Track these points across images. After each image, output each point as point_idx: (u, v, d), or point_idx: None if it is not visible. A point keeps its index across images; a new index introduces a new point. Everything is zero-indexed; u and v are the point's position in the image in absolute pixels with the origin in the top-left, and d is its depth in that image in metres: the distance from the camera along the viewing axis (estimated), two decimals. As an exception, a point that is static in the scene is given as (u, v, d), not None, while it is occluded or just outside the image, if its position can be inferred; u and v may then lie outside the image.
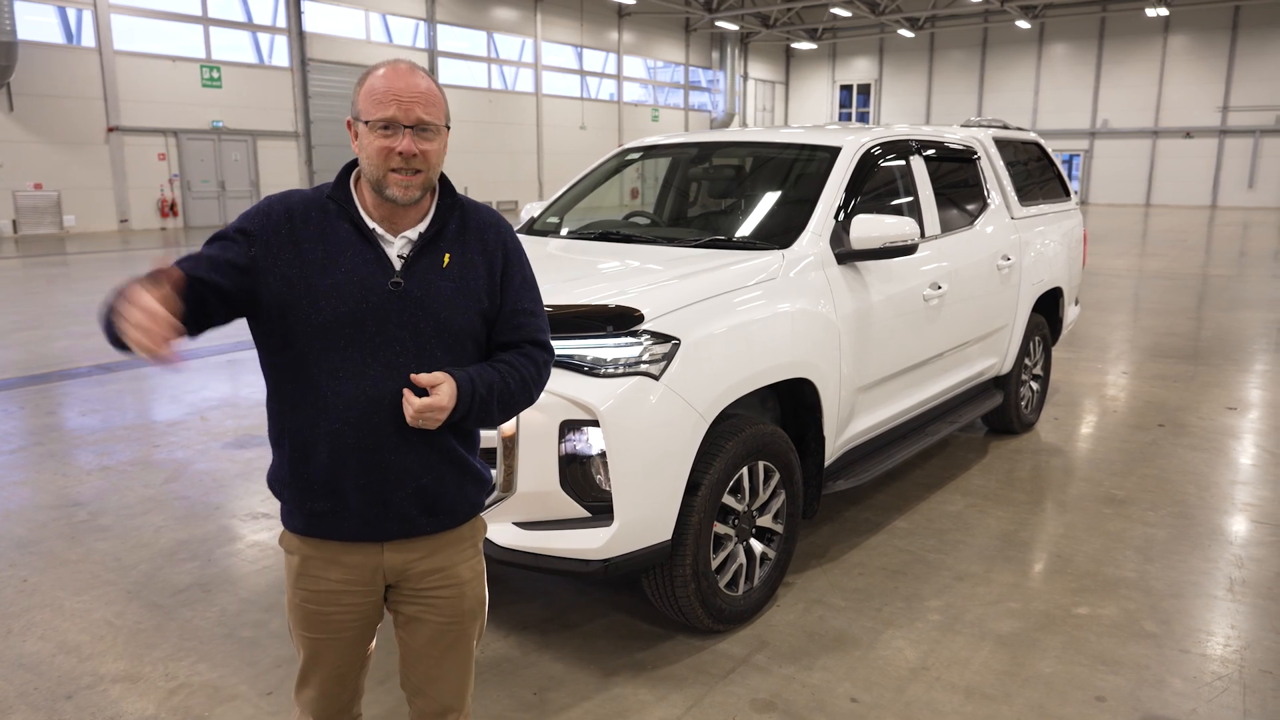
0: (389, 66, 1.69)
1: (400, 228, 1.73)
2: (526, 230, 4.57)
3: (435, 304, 1.72)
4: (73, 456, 5.15)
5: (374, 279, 1.69)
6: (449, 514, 1.82)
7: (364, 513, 1.74)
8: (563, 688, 2.86)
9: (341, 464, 1.70)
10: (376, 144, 1.65)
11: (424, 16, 26.54)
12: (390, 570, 1.80)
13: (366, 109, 1.67)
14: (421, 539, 1.80)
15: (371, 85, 1.68)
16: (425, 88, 1.68)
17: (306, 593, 1.80)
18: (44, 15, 19.30)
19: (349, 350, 1.67)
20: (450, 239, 1.77)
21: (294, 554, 1.81)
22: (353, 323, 1.67)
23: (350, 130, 1.73)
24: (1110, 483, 4.71)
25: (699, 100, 37.73)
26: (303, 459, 1.73)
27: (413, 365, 1.69)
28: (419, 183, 1.69)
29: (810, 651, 3.06)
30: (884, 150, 4.22)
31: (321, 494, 1.73)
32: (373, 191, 1.70)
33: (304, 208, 1.72)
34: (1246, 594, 3.49)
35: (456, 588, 1.85)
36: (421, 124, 1.66)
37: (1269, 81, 31.38)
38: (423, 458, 1.74)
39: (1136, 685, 2.87)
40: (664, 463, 2.79)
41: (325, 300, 1.66)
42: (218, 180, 22.32)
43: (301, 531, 1.79)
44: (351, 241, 1.70)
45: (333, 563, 1.78)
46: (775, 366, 3.18)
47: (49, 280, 12.72)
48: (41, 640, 3.15)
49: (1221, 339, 8.56)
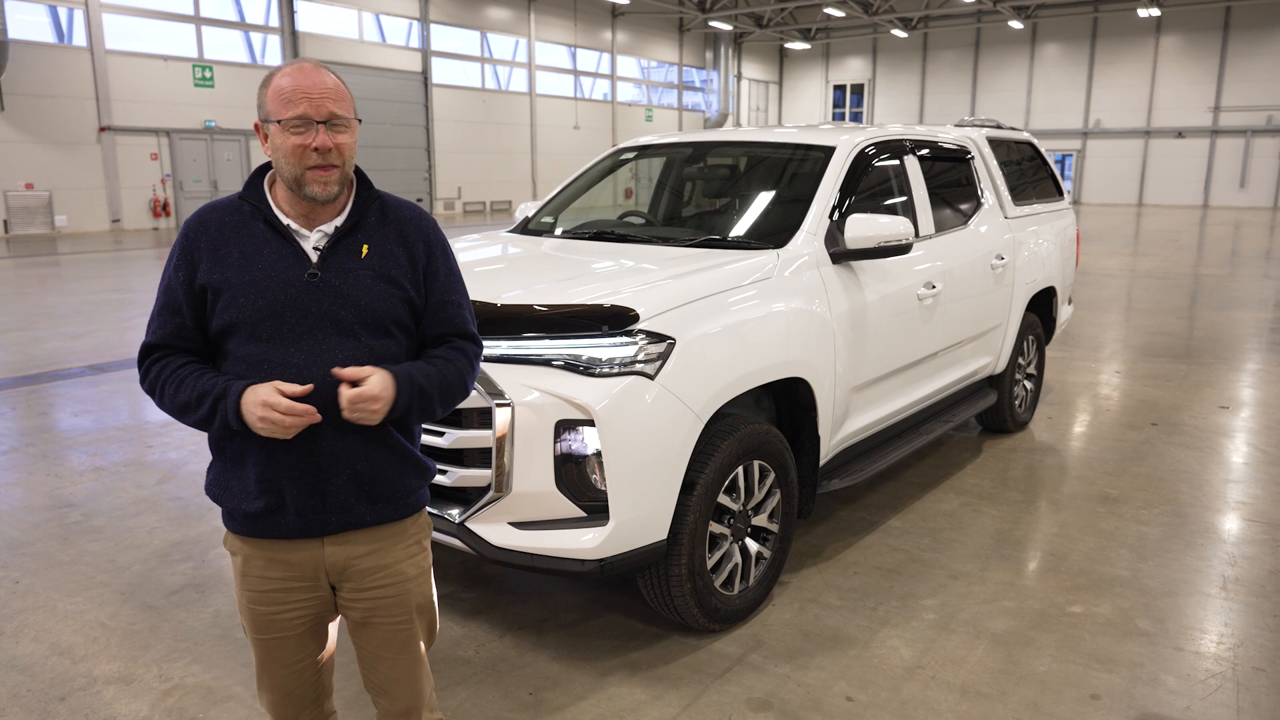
0: (294, 67, 1.72)
1: (317, 222, 1.76)
2: (521, 230, 4.57)
3: (354, 291, 1.75)
4: (65, 457, 5.13)
5: (290, 272, 1.73)
6: (388, 500, 1.82)
7: (301, 507, 1.75)
8: (558, 687, 2.86)
9: (275, 457, 1.72)
10: (290, 142, 1.67)
11: (417, 16, 26.49)
12: (333, 568, 1.81)
13: (276, 109, 1.68)
14: (363, 532, 1.81)
15: (279, 85, 1.69)
16: (333, 84, 1.71)
17: (253, 594, 1.82)
18: (35, 14, 19.22)
19: (271, 343, 1.71)
20: (368, 230, 1.80)
21: (237, 555, 1.83)
22: (271, 315, 1.71)
23: (259, 133, 1.75)
24: (1104, 481, 4.73)
25: (693, 100, 37.74)
26: (239, 458, 1.75)
27: (338, 353, 1.72)
28: (336, 177, 1.72)
29: (806, 650, 3.07)
30: (878, 150, 4.23)
31: (258, 492, 1.74)
32: (289, 191, 1.73)
33: (218, 215, 1.76)
34: (1239, 592, 3.50)
35: (400, 585, 1.86)
36: (334, 118, 1.69)
37: (1260, 82, 31.51)
38: (355, 445, 1.76)
39: (1131, 683, 2.87)
40: (659, 462, 2.79)
41: (244, 296, 1.70)
42: (210, 180, 22.25)
43: (242, 532, 1.81)
44: (267, 239, 1.74)
45: (275, 561, 1.80)
46: (770, 366, 3.18)
47: (40, 281, 12.66)
48: (34, 642, 3.14)
49: (1213, 338, 8.60)
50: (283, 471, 1.73)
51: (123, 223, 20.84)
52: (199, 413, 1.69)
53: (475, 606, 3.34)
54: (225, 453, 1.78)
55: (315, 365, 1.71)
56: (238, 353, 1.73)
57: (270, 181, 1.79)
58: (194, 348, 1.77)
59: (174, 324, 1.76)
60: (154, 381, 1.76)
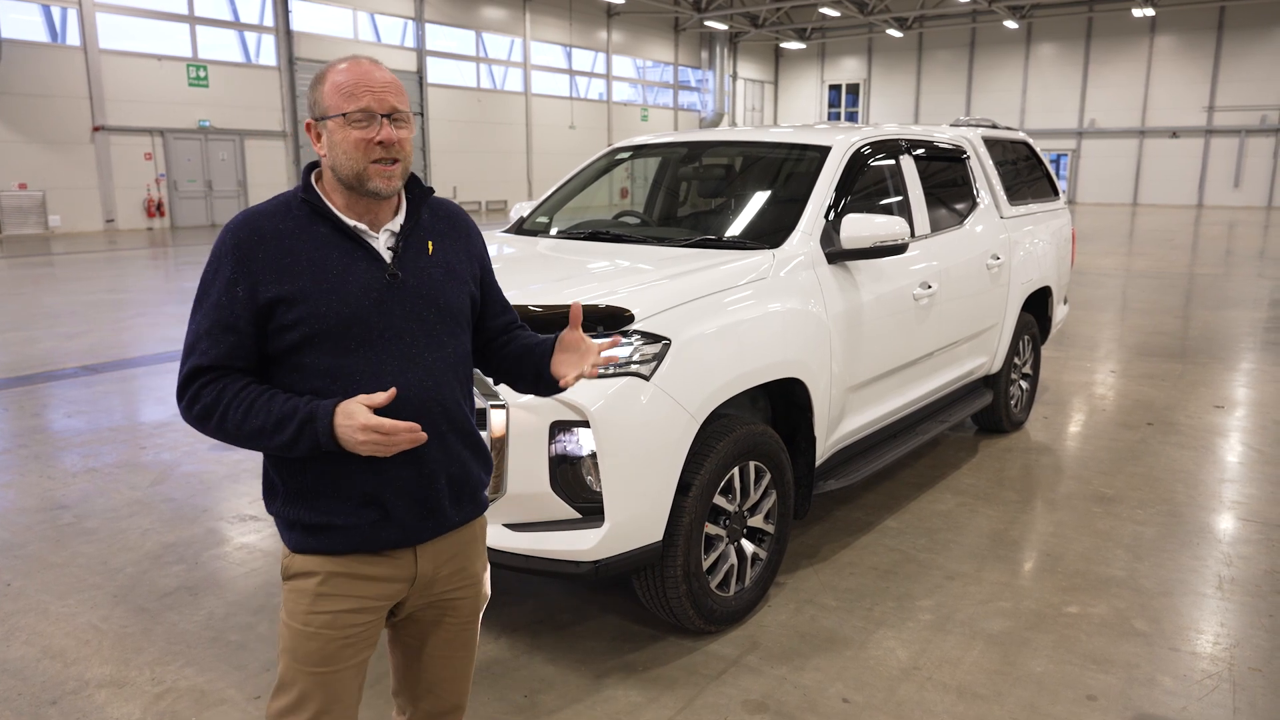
0: (351, 62, 1.66)
1: (379, 222, 1.70)
2: (516, 230, 4.55)
3: (432, 290, 1.71)
4: (58, 459, 5.10)
5: (369, 275, 1.65)
6: (472, 501, 1.80)
7: (404, 516, 1.68)
8: (553, 690, 2.85)
9: (378, 470, 1.64)
10: (354, 136, 1.61)
11: (412, 16, 26.45)
12: (422, 578, 1.74)
13: (337, 103, 1.62)
14: (449, 537, 1.77)
15: (337, 80, 1.64)
16: (391, 78, 1.67)
17: (327, 617, 1.68)
18: (28, 14, 19.15)
19: (361, 351, 1.63)
20: (428, 228, 1.77)
21: (313, 576, 1.68)
22: (358, 322, 1.63)
23: (310, 132, 1.68)
24: (1099, 481, 4.73)
25: (688, 100, 37.73)
26: (334, 479, 1.65)
27: (426, 355, 1.68)
28: (399, 171, 1.67)
29: (802, 652, 3.06)
30: (874, 150, 4.22)
31: (359, 504, 1.66)
32: (347, 189, 1.66)
33: (272, 222, 1.65)
34: (1235, 592, 3.50)
35: (475, 587, 1.85)
36: (396, 111, 1.65)
37: (1254, 82, 31.60)
38: (452, 447, 1.73)
39: (1127, 684, 2.87)
40: (655, 463, 2.78)
41: (324, 305, 1.61)
42: (204, 180, 22.19)
43: (329, 550, 1.67)
44: (334, 243, 1.66)
45: (363, 579, 1.69)
46: (766, 366, 3.17)
47: (34, 281, 12.61)
48: (26, 645, 3.12)
49: (1208, 338, 8.61)
50: (388, 484, 1.65)
51: (117, 223, 20.78)
52: (279, 438, 1.57)
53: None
54: (309, 473, 1.65)
55: (409, 372, 1.65)
56: (317, 366, 1.62)
57: (316, 179, 1.72)
58: (250, 367, 1.64)
59: (229, 343, 1.61)
60: (209, 407, 1.60)
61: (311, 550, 1.69)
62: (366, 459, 1.61)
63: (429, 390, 1.68)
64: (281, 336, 1.62)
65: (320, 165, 1.71)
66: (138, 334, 8.74)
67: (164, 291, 11.80)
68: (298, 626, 1.69)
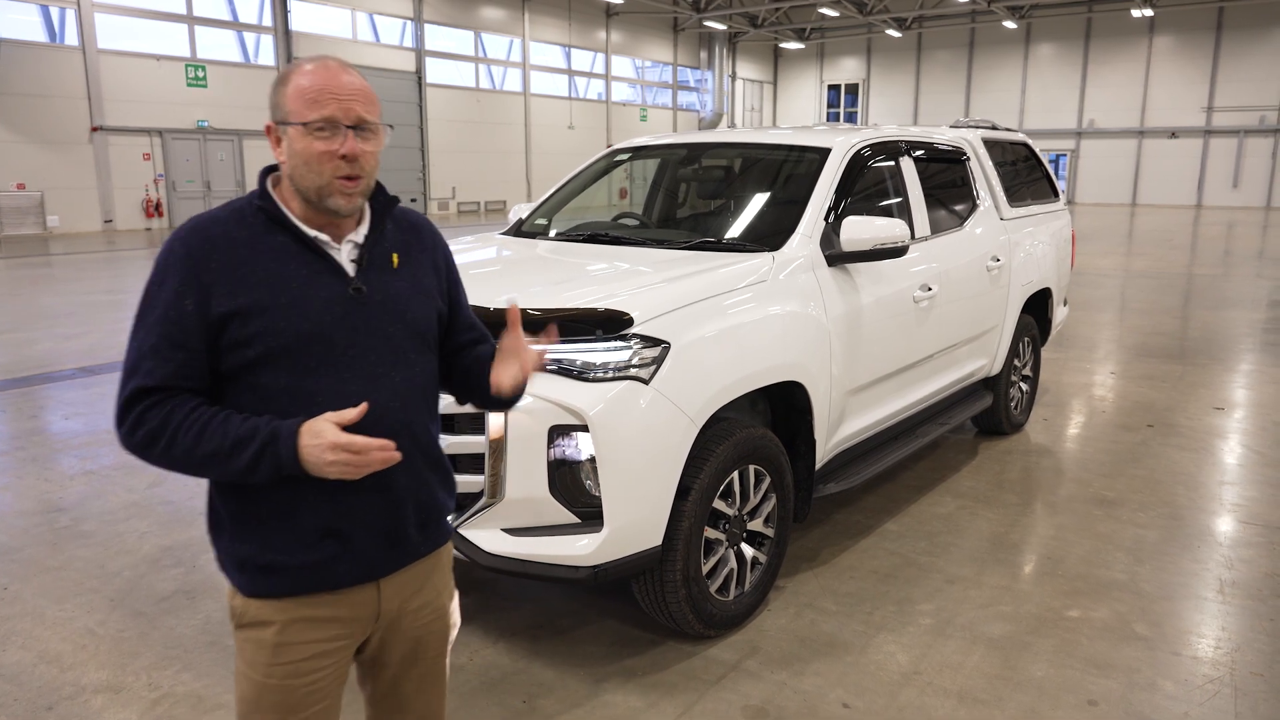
0: (317, 64, 1.53)
1: (341, 233, 1.59)
2: (515, 232, 4.53)
3: (399, 306, 1.61)
4: (55, 461, 5.08)
5: (331, 289, 1.54)
6: (437, 526, 1.72)
7: (367, 547, 1.58)
8: (552, 695, 2.83)
9: (340, 499, 1.53)
10: (315, 148, 1.49)
11: (411, 16, 26.43)
12: (386, 612, 1.64)
13: (299, 109, 1.50)
14: (413, 568, 1.67)
15: (301, 84, 1.51)
16: (361, 85, 1.54)
17: (289, 666, 1.57)
18: (26, 14, 19.13)
19: (324, 370, 1.52)
20: (392, 239, 1.66)
21: (270, 624, 1.56)
22: (319, 340, 1.52)
23: (270, 136, 1.55)
24: (1100, 484, 4.71)
25: (687, 100, 37.72)
26: (290, 508, 1.54)
27: (392, 375, 1.58)
28: (361, 189, 1.55)
29: (802, 656, 3.04)
30: (874, 151, 4.21)
31: (317, 538, 1.54)
32: (304, 201, 1.55)
33: (224, 229, 1.53)
34: (1236, 595, 3.49)
35: (442, 617, 1.76)
36: (362, 123, 1.52)
37: (1253, 82, 31.61)
38: (418, 470, 1.64)
39: (1128, 689, 2.86)
40: (654, 467, 2.77)
41: (284, 320, 1.49)
42: (203, 180, 22.16)
43: (286, 592, 1.56)
44: (294, 254, 1.54)
45: (322, 620, 1.58)
46: (766, 370, 3.16)
47: (32, 282, 12.59)
48: (22, 650, 3.10)
49: (1208, 338, 8.60)
50: (349, 513, 1.55)
51: (115, 223, 20.75)
52: (236, 463, 1.45)
53: (468, 612, 3.31)
54: (262, 504, 1.53)
55: (375, 392, 1.54)
56: (276, 386, 1.50)
57: (274, 184, 1.60)
58: (200, 388, 1.51)
59: (177, 361, 1.48)
60: (154, 432, 1.47)
61: (265, 594, 1.57)
62: (326, 486, 1.50)
63: (395, 412, 1.58)
64: (236, 354, 1.50)
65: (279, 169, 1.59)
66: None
67: (162, 292, 11.76)
68: (258, 679, 1.58)
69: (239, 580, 1.59)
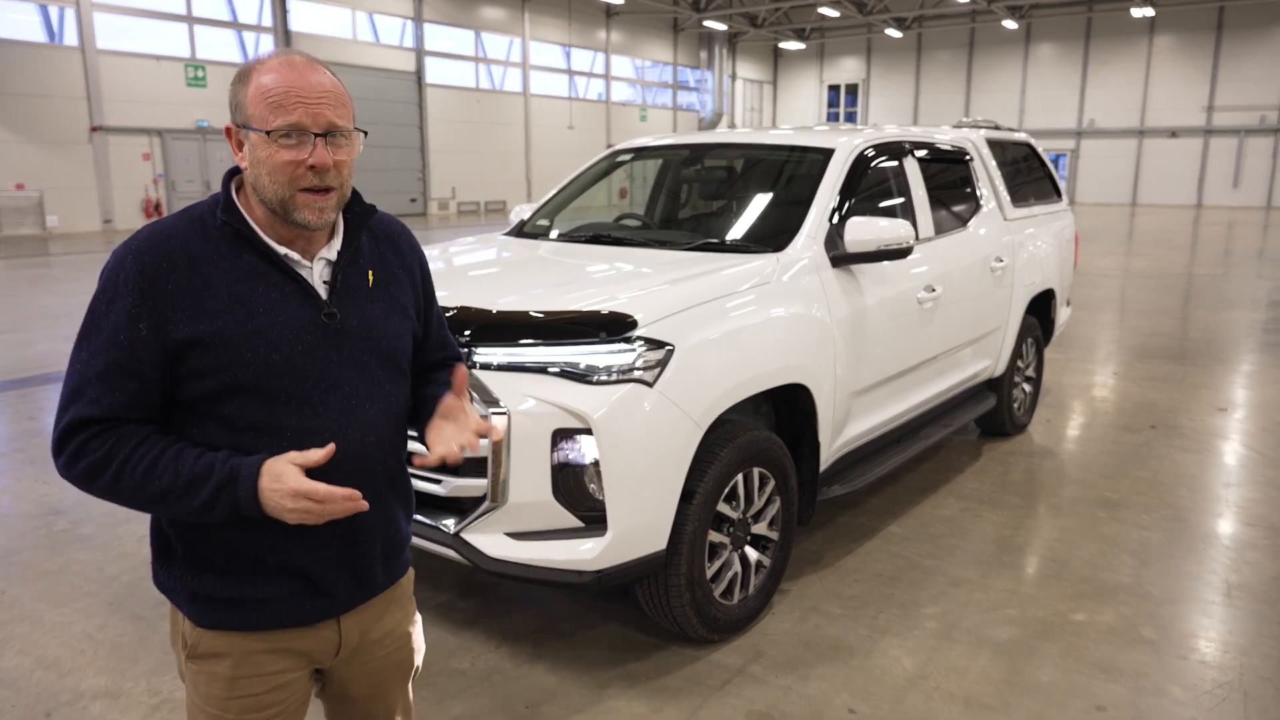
0: (281, 60, 1.37)
1: (312, 249, 1.44)
2: (516, 233, 4.51)
3: (374, 332, 1.48)
4: (53, 463, 5.04)
5: (301, 314, 1.40)
6: (399, 558, 1.62)
7: (332, 586, 1.48)
8: (555, 700, 2.81)
9: (305, 535, 1.42)
10: (280, 157, 1.34)
11: (411, 16, 26.40)
12: (346, 646, 1.55)
13: (261, 114, 1.34)
14: (374, 600, 1.58)
15: (264, 85, 1.35)
16: (330, 84, 1.38)
17: (247, 700, 1.48)
18: (25, 14, 19.10)
19: (293, 404, 1.39)
20: (368, 254, 1.52)
21: (224, 657, 1.46)
22: (289, 371, 1.38)
23: (231, 139, 1.40)
24: (1103, 485, 4.69)
25: (687, 100, 37.70)
26: (251, 545, 1.42)
27: (367, 407, 1.46)
28: (333, 202, 1.40)
29: (807, 661, 3.02)
30: (877, 152, 4.18)
31: (279, 575, 1.44)
32: (270, 213, 1.40)
33: (183, 244, 1.37)
34: (1243, 598, 3.47)
35: (404, 648, 1.68)
36: (333, 129, 1.37)
37: (1253, 82, 31.59)
38: (389, 508, 1.54)
39: (1136, 694, 2.83)
40: (658, 471, 2.74)
41: (249, 350, 1.36)
42: (203, 180, 22.14)
43: (244, 627, 1.45)
44: (260, 274, 1.39)
45: (279, 652, 1.48)
46: (770, 372, 3.13)
47: (31, 282, 12.56)
48: (20, 655, 3.07)
49: (1209, 339, 8.58)
50: (314, 552, 1.44)
51: (115, 223, 20.72)
52: (190, 502, 1.32)
53: (470, 616, 3.29)
54: (221, 538, 1.42)
55: (348, 427, 1.42)
56: (239, 419, 1.37)
57: (238, 188, 1.45)
58: (151, 418, 1.37)
59: (128, 390, 1.33)
60: (97, 464, 1.32)
61: (221, 627, 1.46)
62: (287, 528, 1.40)
63: (369, 447, 1.47)
64: (196, 383, 1.36)
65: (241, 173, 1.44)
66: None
67: (162, 293, 11.74)
68: (214, 712, 1.49)
69: (191, 611, 1.48)
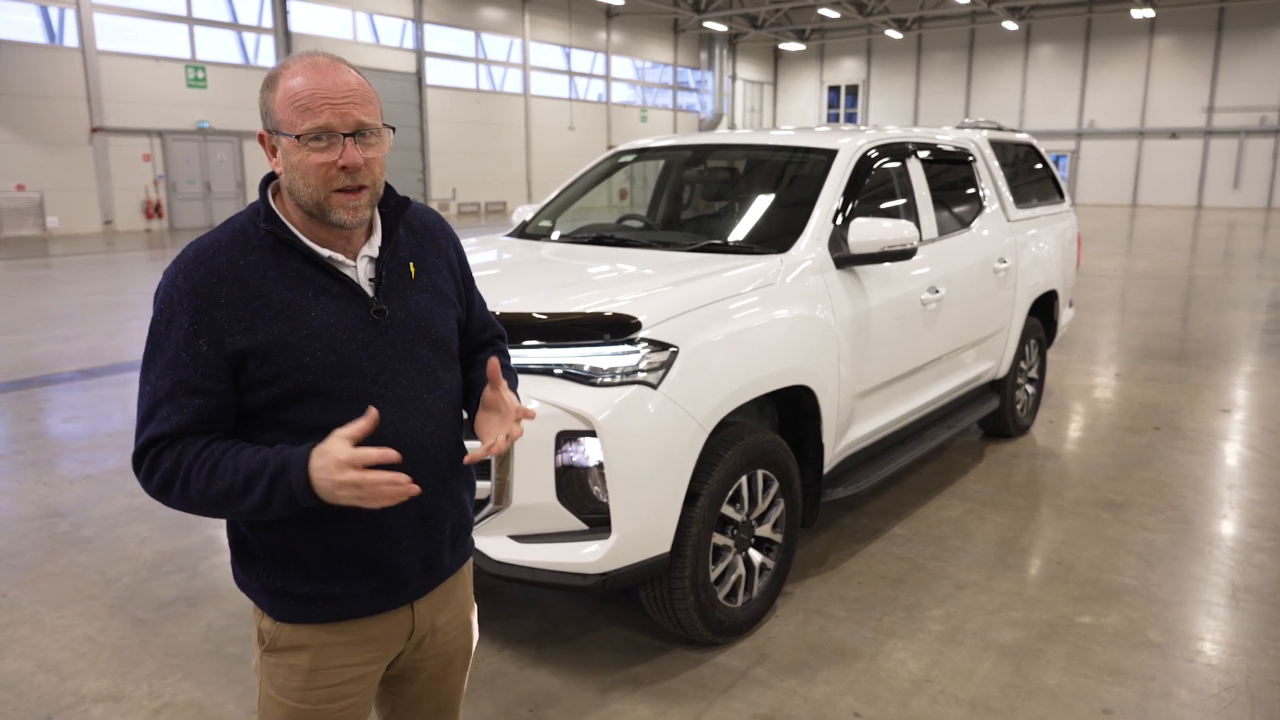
0: (306, 63, 1.38)
1: (353, 248, 1.47)
2: (519, 234, 4.50)
3: (423, 322, 1.51)
4: (54, 465, 5.04)
5: (352, 313, 1.43)
6: (465, 541, 1.66)
7: (408, 574, 1.52)
8: (559, 704, 2.80)
9: (381, 524, 1.46)
10: (312, 160, 1.37)
11: (411, 16, 26.40)
12: (419, 630, 1.59)
13: (290, 119, 1.37)
14: (442, 585, 1.62)
15: (291, 88, 1.36)
16: (356, 83, 1.40)
17: (325, 691, 1.51)
18: (25, 14, 19.09)
19: (355, 402, 1.41)
20: (407, 247, 1.55)
21: (304, 650, 1.50)
22: (347, 371, 1.42)
23: (264, 145, 1.42)
24: (1108, 487, 4.68)
25: (687, 101, 37.70)
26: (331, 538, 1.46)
27: (425, 397, 1.50)
28: (366, 200, 1.43)
29: (811, 664, 3.01)
30: (881, 153, 4.17)
31: (360, 568, 1.48)
32: (307, 215, 1.43)
33: (229, 257, 1.39)
34: (1250, 600, 3.45)
35: (468, 633, 1.73)
36: (362, 127, 1.39)
37: (1254, 83, 31.59)
38: (453, 493, 1.58)
39: (1143, 697, 2.82)
40: (662, 473, 2.73)
41: (308, 354, 1.39)
42: (203, 181, 22.13)
43: (324, 619, 1.49)
44: (308, 278, 1.42)
45: (361, 643, 1.52)
46: (774, 374, 3.12)
47: (31, 283, 12.54)
48: (20, 658, 3.06)
49: (1211, 340, 8.57)
50: (387, 543, 1.48)
51: (115, 224, 20.71)
52: (249, 499, 1.33)
53: (473, 619, 3.27)
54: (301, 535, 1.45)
55: (410, 418, 1.46)
56: (305, 423, 1.40)
57: (274, 193, 1.48)
58: (224, 431, 1.41)
59: (196, 406, 1.37)
60: (167, 476, 1.36)
61: (301, 621, 1.49)
62: (365, 515, 1.42)
63: (431, 435, 1.50)
64: (257, 392, 1.39)
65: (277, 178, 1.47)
66: (136, 337, 8.68)
67: (162, 294, 11.72)
68: (291, 704, 1.52)
69: (270, 605, 1.51)
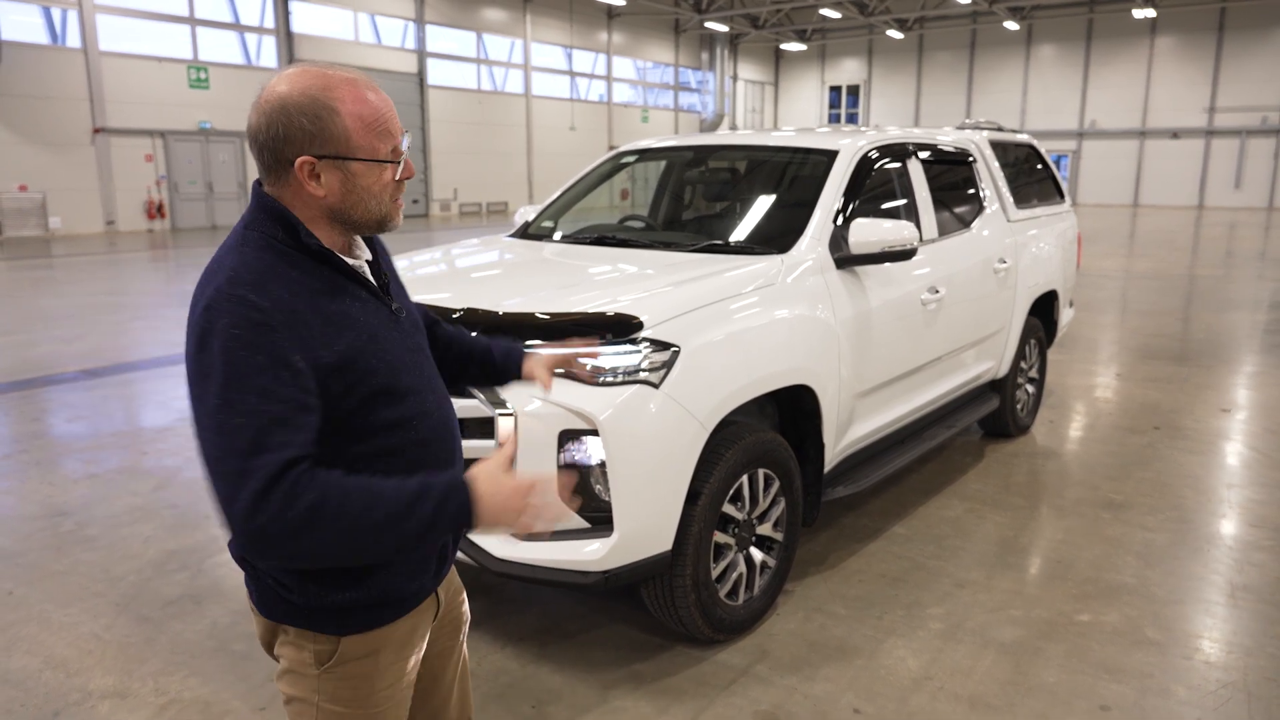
0: (350, 83, 1.39)
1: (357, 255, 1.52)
2: (520, 234, 4.52)
3: (414, 315, 1.61)
4: (59, 464, 5.07)
5: (382, 315, 1.48)
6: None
7: (445, 552, 1.60)
8: (561, 701, 2.82)
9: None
10: (386, 178, 1.43)
11: (413, 17, 26.43)
12: (442, 605, 1.67)
13: (370, 143, 1.38)
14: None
15: (362, 113, 1.38)
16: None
17: (393, 689, 1.55)
18: (28, 15, 19.13)
19: (410, 397, 1.47)
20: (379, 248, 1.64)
21: (378, 652, 1.50)
22: (401, 368, 1.47)
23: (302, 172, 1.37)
24: (1107, 486, 4.69)
25: (688, 101, 37.72)
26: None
27: (436, 381, 1.59)
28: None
29: (812, 661, 3.03)
30: (881, 153, 4.19)
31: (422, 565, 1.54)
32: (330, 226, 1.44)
33: (284, 279, 1.36)
34: (1248, 599, 3.47)
35: (460, 595, 1.79)
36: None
37: (1255, 83, 31.58)
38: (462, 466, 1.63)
39: (1141, 694, 2.84)
40: (664, 472, 2.75)
41: (375, 356, 1.42)
42: (205, 182, 22.17)
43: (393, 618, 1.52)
44: (343, 287, 1.44)
45: (415, 628, 1.57)
46: (775, 373, 3.14)
47: (34, 283, 12.57)
48: (28, 655, 3.09)
49: (1212, 340, 8.58)
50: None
51: (117, 225, 20.75)
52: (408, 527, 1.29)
53: (475, 618, 3.29)
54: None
55: (442, 405, 1.55)
56: (385, 420, 1.43)
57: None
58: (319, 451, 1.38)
59: (308, 424, 1.32)
60: (316, 505, 1.25)
61: (376, 625, 1.50)
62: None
63: (447, 414, 1.58)
64: (338, 405, 1.38)
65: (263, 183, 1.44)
66: (138, 337, 8.71)
67: (164, 294, 11.77)
68: (363, 712, 1.51)
69: (340, 622, 1.47)
